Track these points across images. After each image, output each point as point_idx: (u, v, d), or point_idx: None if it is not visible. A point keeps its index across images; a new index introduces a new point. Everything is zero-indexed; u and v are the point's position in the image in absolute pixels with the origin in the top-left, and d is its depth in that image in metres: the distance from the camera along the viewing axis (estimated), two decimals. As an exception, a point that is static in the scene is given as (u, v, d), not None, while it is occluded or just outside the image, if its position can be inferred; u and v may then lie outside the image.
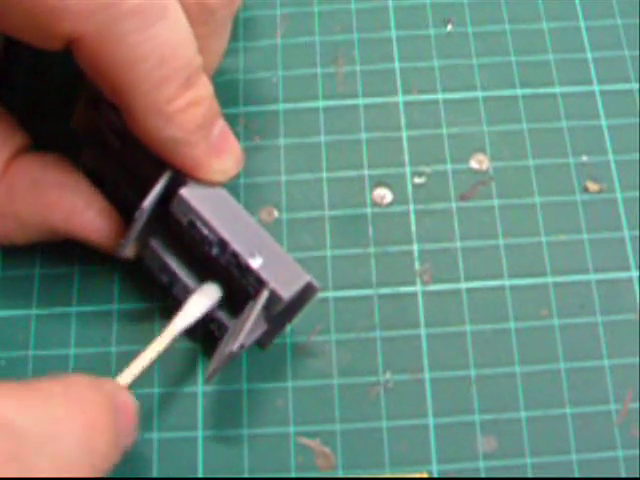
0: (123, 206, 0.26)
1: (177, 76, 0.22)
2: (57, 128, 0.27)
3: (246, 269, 0.23)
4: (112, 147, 0.25)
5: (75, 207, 0.25)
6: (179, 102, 0.22)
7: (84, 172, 0.26)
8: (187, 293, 0.25)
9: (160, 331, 0.24)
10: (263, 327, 0.25)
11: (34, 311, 0.27)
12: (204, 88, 0.23)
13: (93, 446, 0.19)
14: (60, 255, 0.27)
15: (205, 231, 0.23)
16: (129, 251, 0.25)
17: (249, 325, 0.23)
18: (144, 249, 0.26)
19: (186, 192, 0.23)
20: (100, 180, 0.26)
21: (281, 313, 0.24)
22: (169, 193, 0.24)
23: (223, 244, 0.23)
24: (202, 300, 0.24)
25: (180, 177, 0.24)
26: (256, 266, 0.23)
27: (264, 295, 0.23)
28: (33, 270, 0.27)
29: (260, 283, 0.23)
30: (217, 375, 0.24)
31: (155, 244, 0.25)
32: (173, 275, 0.25)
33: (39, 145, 0.26)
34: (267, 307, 0.24)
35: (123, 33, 0.20)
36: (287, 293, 0.23)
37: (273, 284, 0.23)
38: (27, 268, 0.27)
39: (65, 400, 0.20)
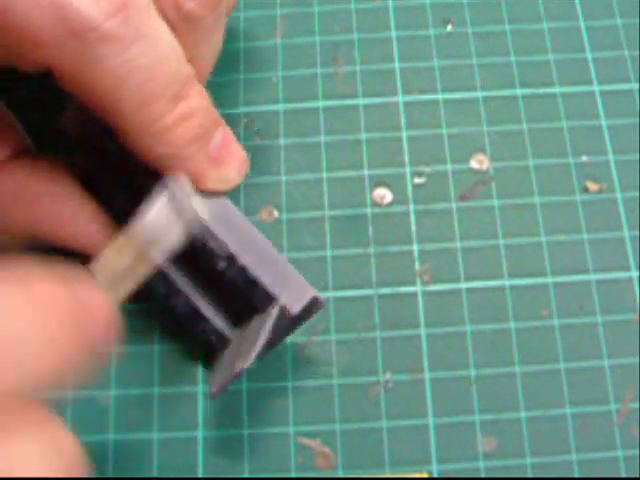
0: (115, 209, 0.25)
1: (163, 93, 0.21)
2: (51, 129, 0.26)
3: (254, 284, 0.23)
4: (107, 150, 0.24)
5: (62, 218, 0.24)
6: (168, 118, 0.21)
7: (75, 175, 0.25)
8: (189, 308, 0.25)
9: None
10: (267, 339, 0.25)
11: (34, 311, 0.27)
12: (197, 99, 0.22)
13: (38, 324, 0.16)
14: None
15: (212, 244, 0.23)
16: None
17: (262, 342, 0.22)
18: None
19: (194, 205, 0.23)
20: (91, 183, 0.25)
21: (285, 327, 0.24)
22: None
23: (231, 258, 0.23)
24: None
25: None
26: (266, 281, 0.23)
27: (275, 311, 0.23)
28: (33, 270, 0.27)
29: (269, 299, 0.23)
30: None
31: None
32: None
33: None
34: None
35: (98, 59, 0.20)
36: (296, 309, 0.23)
37: (284, 300, 0.23)
38: (27, 268, 0.27)
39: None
